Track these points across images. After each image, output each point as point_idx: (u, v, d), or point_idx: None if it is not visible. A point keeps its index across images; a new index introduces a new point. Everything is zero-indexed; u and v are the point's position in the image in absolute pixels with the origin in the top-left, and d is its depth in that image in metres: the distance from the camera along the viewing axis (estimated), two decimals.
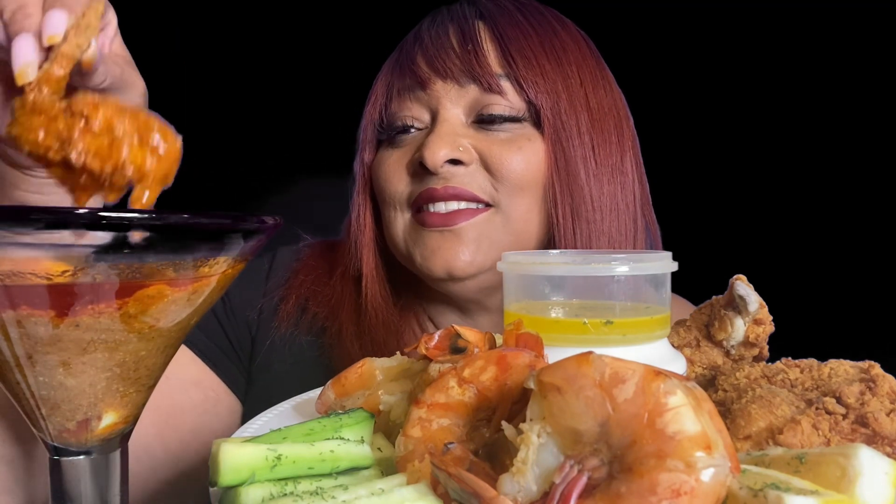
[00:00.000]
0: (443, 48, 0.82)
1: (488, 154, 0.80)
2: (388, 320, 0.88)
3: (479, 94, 0.81)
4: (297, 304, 0.92)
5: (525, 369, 0.45)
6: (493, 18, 0.84)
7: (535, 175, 0.81)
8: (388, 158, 0.85)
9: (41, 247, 0.32)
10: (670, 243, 0.69)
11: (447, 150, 0.79)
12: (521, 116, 0.82)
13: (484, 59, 0.81)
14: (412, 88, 0.83)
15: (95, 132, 0.47)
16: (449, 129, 0.81)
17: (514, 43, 0.82)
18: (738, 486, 0.35)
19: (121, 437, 0.40)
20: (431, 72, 0.82)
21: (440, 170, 0.79)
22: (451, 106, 0.82)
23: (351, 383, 0.58)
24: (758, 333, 0.62)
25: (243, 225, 0.38)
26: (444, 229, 0.80)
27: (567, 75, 0.83)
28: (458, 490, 0.38)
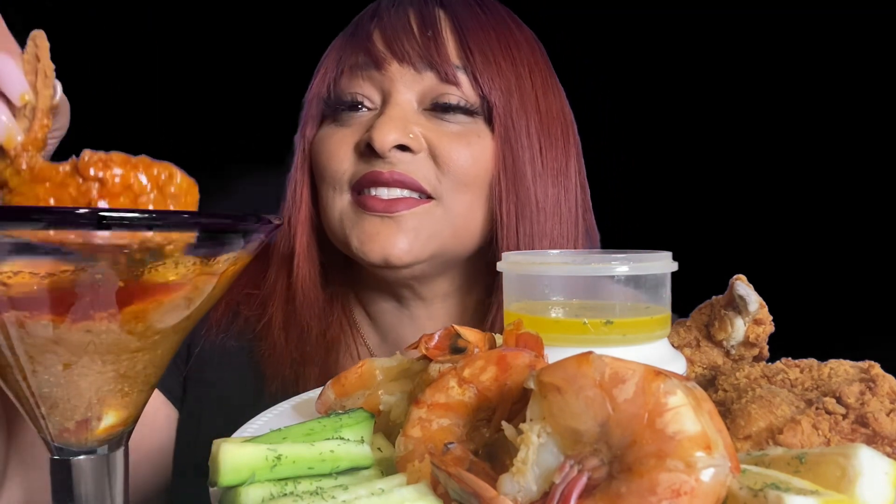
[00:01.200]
0: (402, 30, 0.80)
1: (437, 145, 0.79)
2: (316, 303, 0.86)
3: (434, 82, 0.80)
4: (227, 310, 0.90)
5: (525, 369, 0.45)
6: (454, 8, 0.83)
7: (481, 172, 0.81)
8: (333, 135, 0.83)
9: (42, 246, 0.32)
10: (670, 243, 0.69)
11: (397, 135, 0.77)
12: (474, 110, 0.81)
13: (443, 48, 0.79)
14: (366, 67, 0.81)
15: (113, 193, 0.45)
16: (401, 113, 0.79)
17: (473, 36, 0.81)
18: (738, 486, 0.35)
19: (121, 437, 0.40)
20: (388, 53, 0.80)
21: (388, 154, 0.77)
22: (405, 90, 0.80)
23: (351, 383, 0.58)
24: (758, 333, 0.62)
25: (243, 224, 0.38)
26: (385, 215, 0.79)
27: (520, 76, 0.83)
28: (458, 490, 0.38)
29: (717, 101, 1.91)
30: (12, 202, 0.45)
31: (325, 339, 0.87)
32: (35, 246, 0.32)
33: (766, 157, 1.93)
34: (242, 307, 0.89)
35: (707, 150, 1.93)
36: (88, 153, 0.44)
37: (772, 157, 1.93)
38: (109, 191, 0.44)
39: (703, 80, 1.91)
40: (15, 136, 0.46)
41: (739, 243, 1.80)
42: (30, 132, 0.47)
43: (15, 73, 0.46)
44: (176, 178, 0.45)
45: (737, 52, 1.91)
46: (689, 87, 1.91)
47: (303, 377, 0.84)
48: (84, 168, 0.44)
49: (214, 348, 0.88)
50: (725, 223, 1.89)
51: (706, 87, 1.91)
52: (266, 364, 0.85)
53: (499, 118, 0.80)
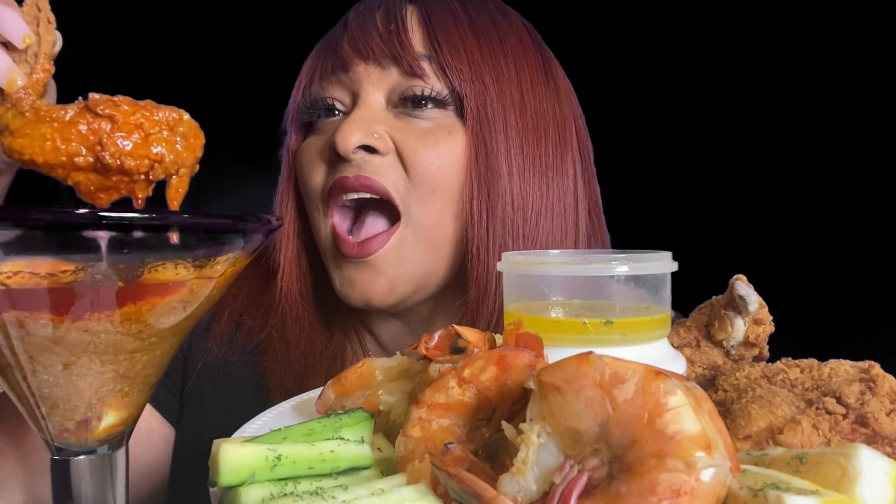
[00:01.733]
0: (367, 30, 0.78)
1: (404, 145, 0.75)
2: (304, 317, 0.83)
3: (399, 77, 0.77)
4: (230, 320, 0.87)
5: (525, 369, 0.45)
6: (424, 2, 0.80)
7: (451, 173, 0.76)
8: (310, 147, 0.81)
9: (42, 246, 0.32)
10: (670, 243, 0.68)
11: (360, 136, 0.74)
12: (443, 100, 0.77)
13: (406, 40, 0.76)
14: (335, 70, 0.79)
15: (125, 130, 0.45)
16: (366, 113, 0.76)
17: (441, 27, 0.77)
18: (738, 486, 0.35)
19: (121, 437, 0.40)
20: (354, 53, 0.77)
21: (352, 156, 0.74)
22: (372, 90, 0.77)
23: (351, 383, 0.58)
24: (758, 333, 0.62)
25: (243, 224, 0.38)
26: (359, 260, 0.77)
27: (499, 68, 0.78)
28: (458, 490, 0.38)
29: (716, 101, 1.91)
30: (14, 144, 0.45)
31: (328, 349, 0.84)
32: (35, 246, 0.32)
33: (765, 158, 1.93)
34: (245, 317, 0.87)
35: (707, 150, 1.92)
36: (97, 95, 0.43)
37: (772, 157, 1.93)
38: (120, 128, 0.45)
39: (702, 80, 1.91)
40: (16, 79, 0.46)
41: (739, 243, 1.80)
42: (32, 75, 0.47)
43: (14, 17, 0.46)
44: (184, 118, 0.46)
45: (737, 53, 1.91)
46: (688, 87, 1.91)
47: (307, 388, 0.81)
48: (94, 105, 0.44)
49: (214, 362, 0.86)
50: (725, 223, 1.89)
51: (706, 88, 1.91)
52: (269, 376, 0.83)
53: (470, 111, 0.76)
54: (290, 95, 0.87)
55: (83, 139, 0.44)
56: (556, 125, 0.82)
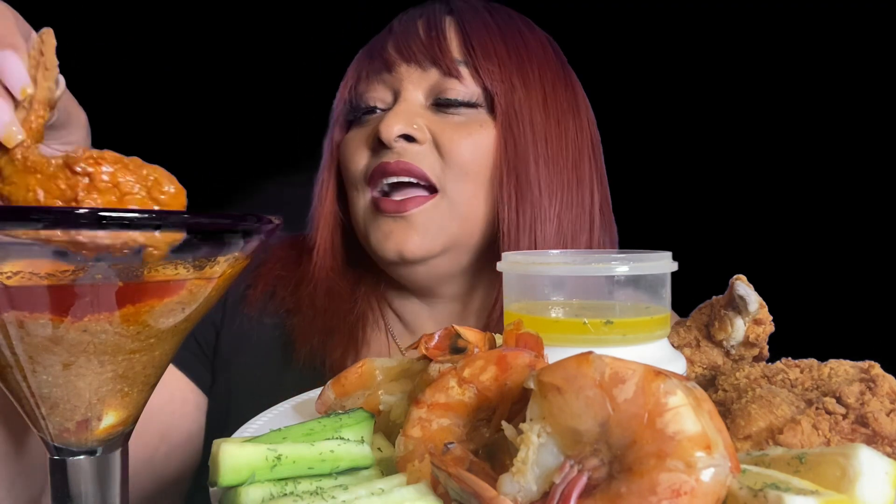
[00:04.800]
0: (410, 35, 0.88)
1: (440, 136, 0.84)
2: (336, 290, 0.93)
3: (438, 77, 0.86)
4: (264, 289, 0.96)
5: (525, 369, 0.45)
6: (461, 13, 0.90)
7: (483, 159, 0.86)
8: (354, 138, 0.90)
9: (42, 246, 0.32)
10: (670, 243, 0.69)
11: (401, 126, 0.83)
12: (475, 102, 0.86)
13: (445, 45, 0.86)
14: (379, 71, 0.88)
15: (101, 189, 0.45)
16: (407, 107, 0.85)
17: (475, 34, 0.87)
18: (738, 486, 0.35)
19: (121, 437, 0.40)
20: (397, 55, 0.87)
21: (394, 144, 0.83)
22: (413, 88, 0.87)
23: (351, 383, 0.58)
24: (758, 333, 0.62)
25: (243, 225, 0.38)
26: (397, 216, 0.85)
27: (525, 71, 0.88)
28: (458, 490, 0.38)
29: (717, 101, 1.91)
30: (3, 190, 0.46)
31: (351, 314, 0.93)
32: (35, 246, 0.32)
33: (765, 158, 1.93)
34: (278, 288, 0.96)
35: (707, 150, 1.93)
36: (81, 149, 0.44)
37: (772, 157, 1.93)
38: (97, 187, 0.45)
39: (702, 80, 1.92)
40: (15, 135, 0.47)
41: (739, 243, 1.80)
42: (25, 122, 0.47)
43: (18, 67, 0.48)
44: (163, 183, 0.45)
45: (737, 53, 1.91)
46: (688, 87, 1.91)
47: (329, 347, 0.89)
48: (73, 163, 0.44)
49: (250, 326, 0.93)
50: (725, 223, 1.89)
51: (706, 88, 1.91)
52: (297, 335, 0.91)
53: (500, 107, 0.85)
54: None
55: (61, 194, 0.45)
56: (575, 125, 0.91)
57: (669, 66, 1.92)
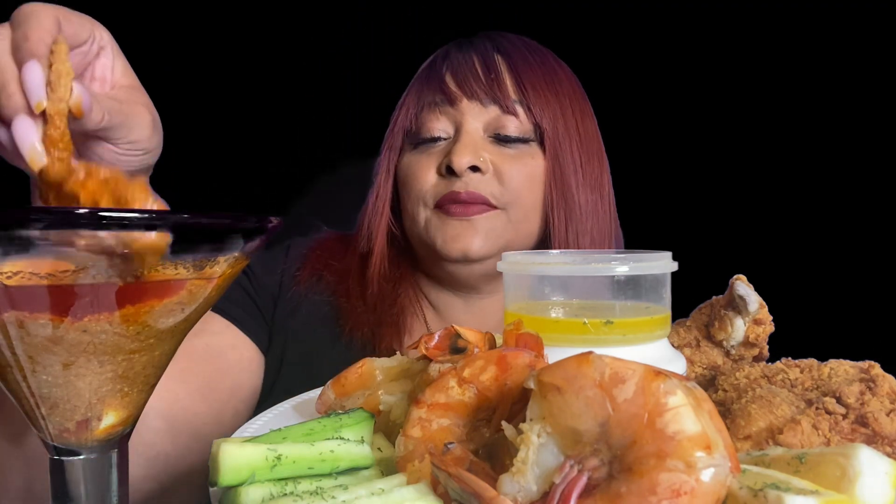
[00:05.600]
0: (470, 72, 1.00)
1: (500, 166, 0.98)
2: (385, 289, 1.05)
3: (498, 113, 0.99)
4: (312, 272, 1.08)
5: (525, 369, 0.45)
6: (509, 54, 1.02)
7: (535, 186, 1.00)
8: (419, 161, 1.02)
9: (42, 246, 0.32)
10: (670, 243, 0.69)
11: (470, 158, 0.96)
12: (528, 138, 1.00)
13: (504, 86, 0.99)
14: (441, 104, 1.01)
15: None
16: (471, 140, 0.98)
17: (525, 75, 1.00)
18: (738, 486, 0.35)
19: (121, 437, 0.40)
20: (460, 91, 0.99)
21: (464, 173, 0.96)
22: (473, 121, 0.99)
23: (351, 383, 0.58)
24: (758, 333, 0.62)
25: (244, 225, 0.37)
26: (463, 219, 0.97)
27: (563, 105, 1.02)
28: (458, 490, 0.38)
29: (716, 101, 1.91)
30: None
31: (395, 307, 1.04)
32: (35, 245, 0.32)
33: (765, 158, 1.93)
34: (326, 273, 1.07)
35: (707, 150, 1.93)
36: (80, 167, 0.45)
37: (771, 157, 1.93)
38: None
39: (702, 80, 1.92)
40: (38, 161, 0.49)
41: (739, 243, 1.80)
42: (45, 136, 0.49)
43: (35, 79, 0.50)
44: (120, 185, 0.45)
45: (736, 53, 1.91)
46: (688, 87, 1.91)
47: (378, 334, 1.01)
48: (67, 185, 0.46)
49: (301, 300, 1.04)
50: (725, 223, 1.89)
51: (706, 88, 1.91)
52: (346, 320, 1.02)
53: (549, 141, 1.00)
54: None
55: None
56: (597, 149, 1.06)
57: (669, 66, 1.92)
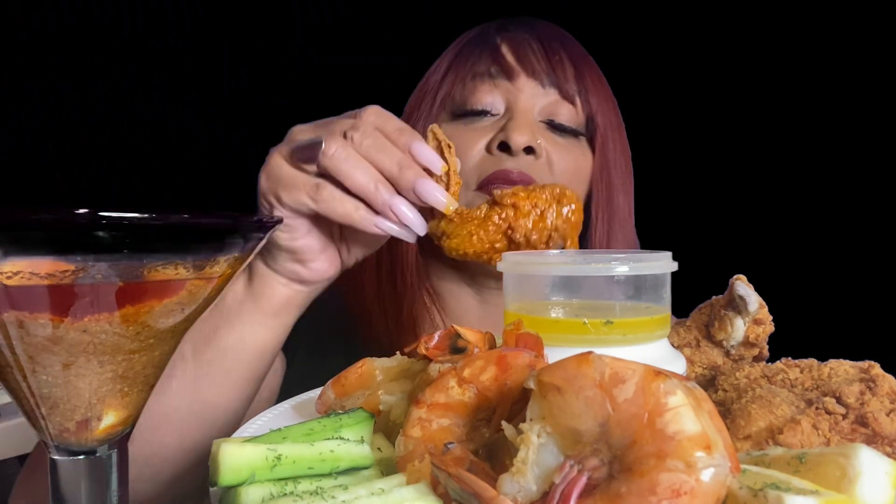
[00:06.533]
0: (531, 50, 0.94)
1: (552, 154, 0.93)
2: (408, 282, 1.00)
3: (556, 98, 0.94)
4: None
5: (525, 369, 0.45)
6: (568, 44, 0.99)
7: (581, 183, 0.97)
8: (463, 134, 0.94)
9: (42, 246, 0.32)
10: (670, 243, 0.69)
11: (529, 138, 0.90)
12: (580, 131, 0.96)
13: (566, 71, 0.95)
14: (496, 75, 0.94)
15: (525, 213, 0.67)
16: (528, 120, 0.92)
17: (584, 67, 0.97)
18: (738, 486, 0.35)
19: (121, 437, 0.40)
20: (520, 66, 0.93)
21: (519, 153, 0.90)
22: (527, 101, 0.93)
23: (351, 383, 0.58)
24: (758, 333, 0.62)
25: (243, 225, 0.38)
26: None
27: (610, 104, 1.00)
28: (458, 490, 0.38)
29: (716, 101, 1.91)
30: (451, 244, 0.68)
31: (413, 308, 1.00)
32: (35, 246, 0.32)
33: (765, 158, 1.93)
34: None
35: (707, 150, 1.93)
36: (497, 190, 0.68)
37: (771, 157, 1.93)
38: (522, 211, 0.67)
39: (702, 80, 1.92)
40: (450, 205, 0.67)
41: (739, 243, 1.80)
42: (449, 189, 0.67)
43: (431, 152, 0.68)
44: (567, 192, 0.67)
45: (736, 53, 1.91)
46: (688, 87, 1.91)
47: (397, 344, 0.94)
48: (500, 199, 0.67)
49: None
50: (725, 223, 1.89)
51: (706, 88, 1.91)
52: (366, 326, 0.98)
53: (600, 138, 0.97)
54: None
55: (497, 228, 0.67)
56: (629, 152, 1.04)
57: (669, 67, 1.92)
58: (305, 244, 0.71)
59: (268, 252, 0.73)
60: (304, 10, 2.12)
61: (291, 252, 0.71)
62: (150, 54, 2.09)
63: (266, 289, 0.74)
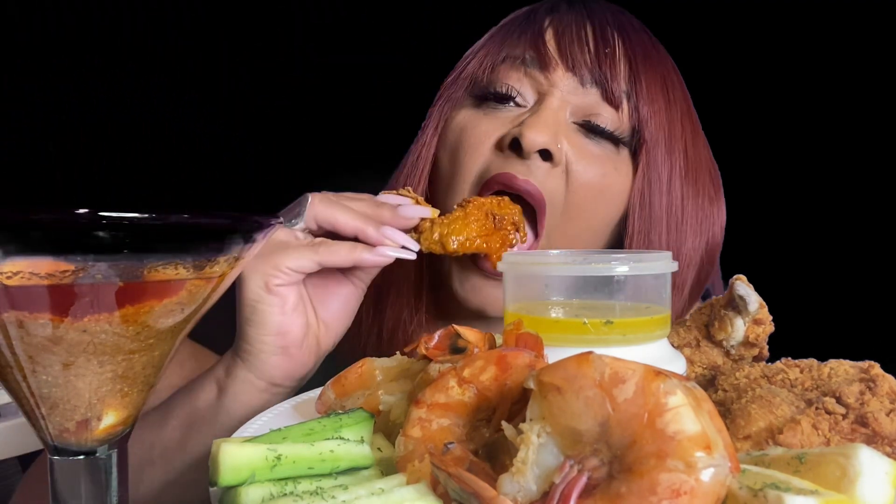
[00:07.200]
0: (577, 38, 0.80)
1: (575, 163, 0.78)
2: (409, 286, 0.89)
3: (596, 99, 0.79)
4: None
5: (525, 369, 0.45)
6: (628, 35, 0.82)
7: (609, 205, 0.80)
8: (477, 126, 0.81)
9: (42, 246, 0.32)
10: None
11: (547, 139, 0.75)
12: (622, 137, 0.80)
13: (617, 70, 0.79)
14: (531, 63, 0.80)
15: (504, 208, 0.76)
16: (553, 118, 0.77)
17: (643, 67, 0.80)
18: (738, 486, 0.35)
19: (121, 437, 0.40)
20: (559, 56, 0.79)
21: (532, 156, 0.77)
22: (562, 97, 0.79)
23: (351, 383, 0.58)
24: (758, 333, 0.62)
25: (243, 225, 0.38)
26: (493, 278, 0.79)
27: (673, 119, 0.82)
28: (458, 490, 0.38)
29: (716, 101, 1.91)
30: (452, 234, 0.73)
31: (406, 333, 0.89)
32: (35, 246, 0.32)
33: (765, 158, 1.93)
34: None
35: None
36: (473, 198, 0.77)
37: (771, 157, 1.93)
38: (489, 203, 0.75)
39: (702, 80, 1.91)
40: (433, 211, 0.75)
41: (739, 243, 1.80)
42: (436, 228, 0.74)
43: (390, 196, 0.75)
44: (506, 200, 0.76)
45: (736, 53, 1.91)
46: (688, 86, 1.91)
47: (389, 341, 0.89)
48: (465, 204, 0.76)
49: None
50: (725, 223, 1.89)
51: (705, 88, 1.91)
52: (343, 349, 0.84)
53: (646, 153, 0.80)
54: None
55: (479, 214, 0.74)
56: (710, 176, 0.87)
57: None
58: (292, 322, 0.69)
59: (249, 352, 0.69)
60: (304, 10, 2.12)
61: (280, 334, 0.68)
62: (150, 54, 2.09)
63: (242, 395, 0.70)
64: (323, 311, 0.73)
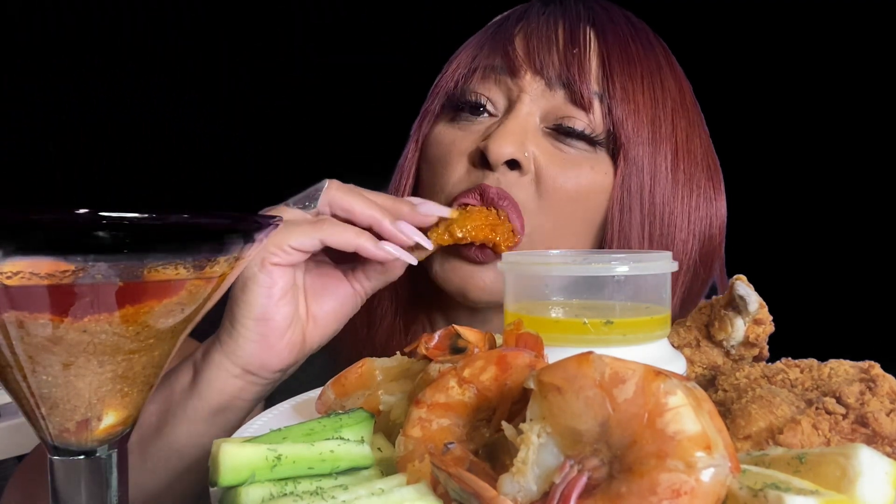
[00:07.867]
0: (547, 40, 0.77)
1: (545, 169, 0.76)
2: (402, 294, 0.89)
3: (564, 101, 0.77)
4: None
5: (525, 369, 0.45)
6: (604, 30, 0.79)
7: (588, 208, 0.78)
8: (451, 141, 0.81)
9: (42, 246, 0.32)
10: None
11: (512, 149, 0.74)
12: (597, 139, 0.77)
13: (585, 71, 0.76)
14: (500, 70, 0.78)
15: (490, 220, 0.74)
16: (521, 126, 0.76)
17: (618, 65, 0.77)
18: (738, 486, 0.35)
19: (121, 437, 0.40)
20: (526, 61, 0.77)
21: (499, 167, 0.75)
22: (530, 102, 0.77)
23: (351, 383, 0.58)
24: (758, 333, 0.62)
25: (243, 225, 0.38)
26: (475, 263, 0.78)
27: (658, 118, 0.78)
28: (458, 490, 0.38)
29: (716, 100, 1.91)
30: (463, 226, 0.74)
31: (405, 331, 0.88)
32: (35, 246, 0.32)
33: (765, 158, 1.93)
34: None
35: None
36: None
37: (771, 157, 1.93)
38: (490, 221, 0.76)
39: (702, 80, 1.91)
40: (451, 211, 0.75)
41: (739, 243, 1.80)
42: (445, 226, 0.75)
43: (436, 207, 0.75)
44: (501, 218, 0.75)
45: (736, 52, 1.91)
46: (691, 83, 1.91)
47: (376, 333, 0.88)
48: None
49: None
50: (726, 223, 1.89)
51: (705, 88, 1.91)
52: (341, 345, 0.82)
53: (624, 155, 0.77)
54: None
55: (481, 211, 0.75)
56: (707, 175, 0.83)
57: None
58: (277, 309, 0.66)
59: (229, 334, 0.67)
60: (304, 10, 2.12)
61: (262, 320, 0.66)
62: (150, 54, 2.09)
63: (215, 380, 0.68)
64: (316, 307, 0.71)
